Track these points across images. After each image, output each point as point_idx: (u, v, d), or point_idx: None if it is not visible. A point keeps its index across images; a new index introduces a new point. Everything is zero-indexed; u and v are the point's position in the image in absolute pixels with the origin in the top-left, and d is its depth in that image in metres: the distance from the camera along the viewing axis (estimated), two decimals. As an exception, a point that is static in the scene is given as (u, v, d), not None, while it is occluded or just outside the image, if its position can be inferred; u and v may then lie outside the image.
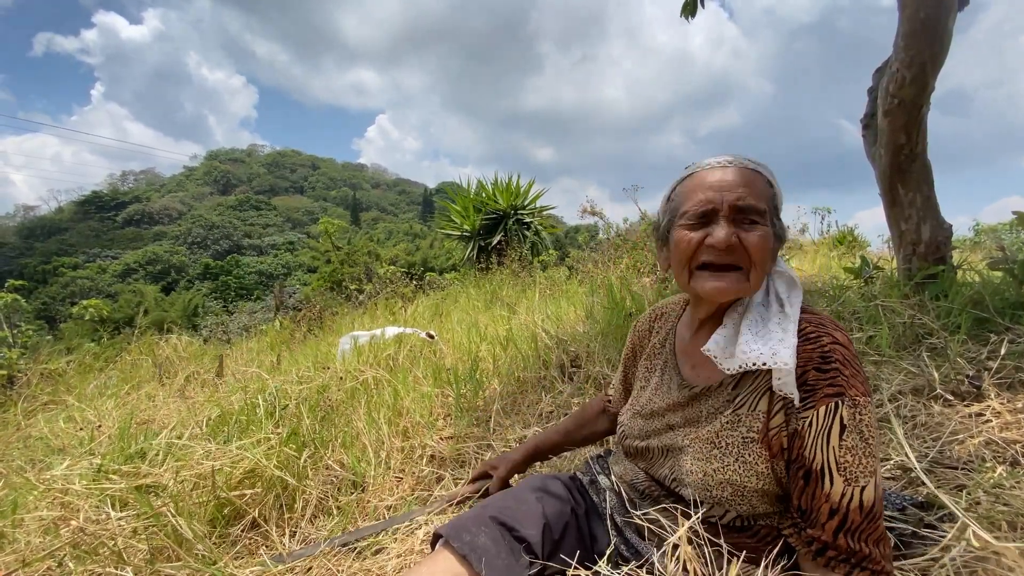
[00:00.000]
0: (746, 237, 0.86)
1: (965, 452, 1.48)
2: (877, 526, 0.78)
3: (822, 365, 0.81)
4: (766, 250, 0.87)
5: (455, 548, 0.94)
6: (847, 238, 7.30)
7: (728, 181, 0.88)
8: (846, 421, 0.78)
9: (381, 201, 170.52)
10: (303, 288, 16.95)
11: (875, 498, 0.77)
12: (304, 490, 1.82)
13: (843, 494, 0.77)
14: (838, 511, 0.77)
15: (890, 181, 2.67)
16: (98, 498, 1.67)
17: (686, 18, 3.40)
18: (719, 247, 0.86)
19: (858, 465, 0.77)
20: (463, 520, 1.02)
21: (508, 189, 10.07)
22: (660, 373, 1.10)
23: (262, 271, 75.58)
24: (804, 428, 0.80)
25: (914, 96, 2.48)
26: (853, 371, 0.81)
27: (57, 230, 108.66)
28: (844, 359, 0.81)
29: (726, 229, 0.85)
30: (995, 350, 1.85)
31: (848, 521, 0.77)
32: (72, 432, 2.81)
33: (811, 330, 0.85)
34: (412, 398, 2.46)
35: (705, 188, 0.89)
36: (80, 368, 5.66)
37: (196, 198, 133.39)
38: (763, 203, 0.88)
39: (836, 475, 0.77)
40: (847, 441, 0.78)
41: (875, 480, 0.78)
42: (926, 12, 2.35)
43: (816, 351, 0.82)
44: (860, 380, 0.81)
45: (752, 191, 0.87)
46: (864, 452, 0.78)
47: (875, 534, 0.78)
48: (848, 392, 0.79)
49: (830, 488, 0.78)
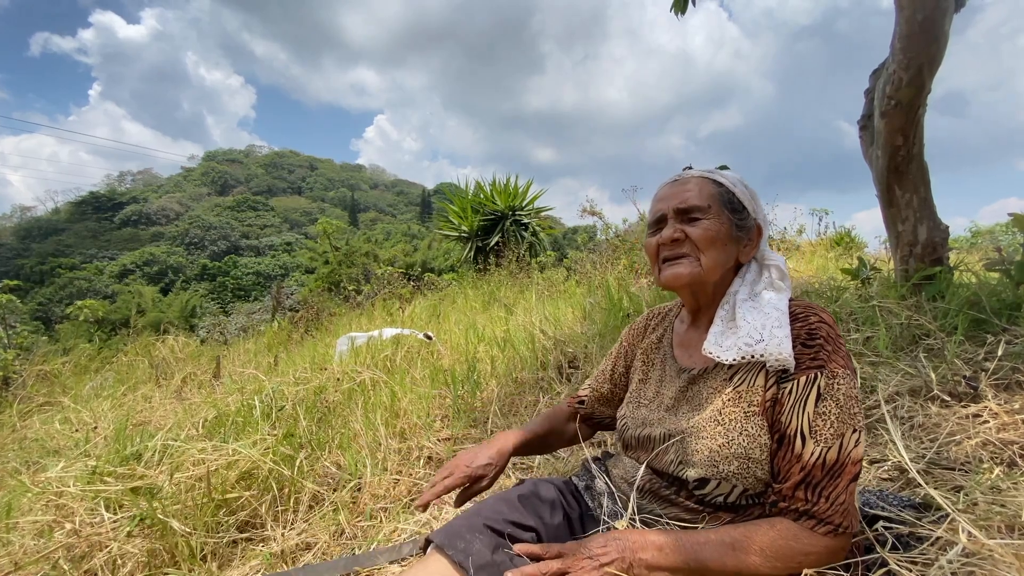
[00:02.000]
0: (690, 231, 1.00)
1: (962, 453, 1.48)
2: (837, 484, 0.82)
3: (807, 341, 0.90)
4: (709, 238, 1.00)
5: (449, 556, 0.94)
6: (844, 239, 7.31)
7: (674, 191, 1.05)
8: (823, 390, 0.85)
9: (379, 202, 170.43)
10: (301, 289, 16.93)
11: (840, 459, 0.83)
12: (300, 489, 1.81)
13: (812, 453, 0.84)
14: (805, 468, 0.84)
15: (887, 182, 2.68)
16: (93, 500, 1.66)
17: (676, 14, 3.39)
18: (665, 241, 1.02)
19: (829, 428, 0.84)
20: (456, 526, 1.01)
21: (506, 190, 10.07)
22: (660, 366, 1.15)
23: (260, 272, 75.43)
24: (784, 396, 0.88)
25: (911, 98, 2.48)
26: (835, 347, 0.89)
27: (54, 231, 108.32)
28: (828, 336, 0.90)
29: (672, 227, 1.02)
30: (992, 351, 1.86)
31: (809, 476, 0.83)
32: (68, 433, 2.80)
33: (799, 311, 0.94)
34: (410, 399, 2.46)
35: (657, 200, 1.08)
36: (76, 369, 5.64)
37: (194, 199, 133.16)
38: (706, 201, 1.02)
39: (808, 438, 0.84)
40: (822, 408, 0.85)
41: (842, 443, 0.83)
42: (923, 14, 2.36)
43: (803, 328, 0.91)
44: (841, 355, 0.89)
45: (695, 193, 1.02)
46: (837, 418, 0.84)
47: (834, 491, 0.82)
48: (828, 365, 0.87)
49: (801, 449, 0.85)
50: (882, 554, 0.89)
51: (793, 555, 0.81)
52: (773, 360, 0.89)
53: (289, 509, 1.77)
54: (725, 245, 1.01)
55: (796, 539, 0.82)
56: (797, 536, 0.82)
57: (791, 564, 0.81)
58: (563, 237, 25.93)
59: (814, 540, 0.82)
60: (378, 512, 1.76)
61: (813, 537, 0.82)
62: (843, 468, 0.83)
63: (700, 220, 1.01)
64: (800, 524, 0.83)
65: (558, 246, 13.82)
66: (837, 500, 0.82)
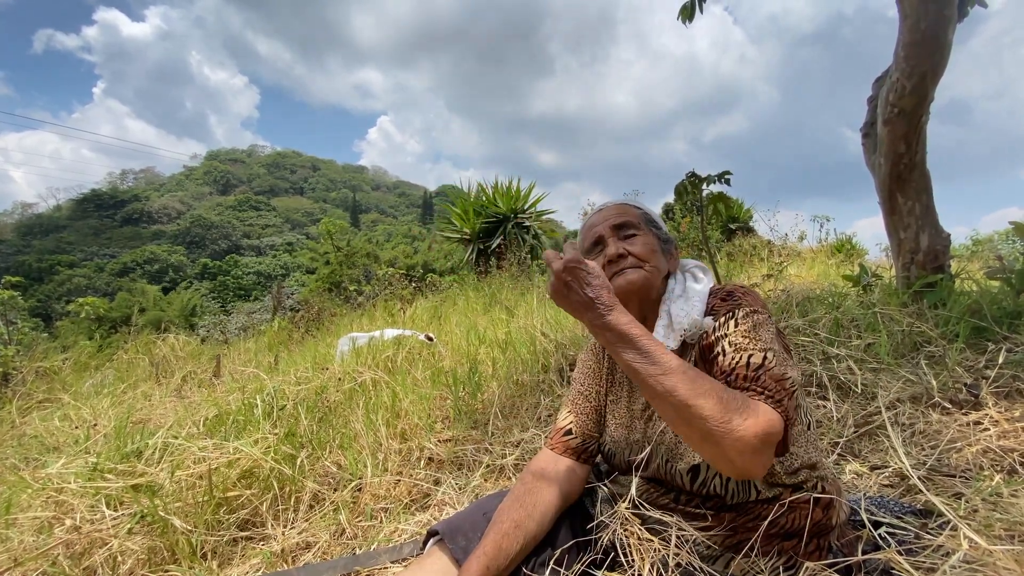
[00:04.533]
0: (629, 246, 1.10)
1: (963, 460, 1.48)
2: (763, 383, 0.87)
3: (726, 297, 1.03)
4: (650, 249, 1.11)
5: (450, 549, 0.97)
6: (845, 246, 7.32)
7: (604, 214, 1.16)
8: (739, 317, 0.97)
9: (381, 203, 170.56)
10: (302, 289, 16.93)
11: (764, 364, 0.89)
12: (300, 488, 1.81)
13: (732, 359, 0.92)
14: (726, 372, 0.91)
15: (889, 190, 2.69)
16: (93, 497, 1.66)
17: (684, 22, 3.42)
18: (612, 257, 1.09)
19: (747, 341, 0.93)
20: (459, 521, 1.05)
21: (508, 193, 10.07)
22: (622, 383, 1.18)
23: (260, 271, 75.43)
24: (712, 338, 0.97)
25: (914, 106, 2.49)
26: (752, 299, 1.01)
27: (55, 228, 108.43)
28: (744, 292, 1.02)
29: (614, 244, 1.11)
30: (993, 359, 1.86)
31: (734, 375, 0.90)
32: (67, 430, 2.80)
33: (716, 288, 1.07)
34: (411, 400, 2.45)
35: (592, 226, 1.17)
36: (76, 366, 5.64)
37: (196, 198, 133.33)
38: (634, 219, 1.14)
39: (728, 350, 0.93)
40: (740, 327, 0.95)
41: (765, 354, 0.90)
42: (927, 23, 2.37)
43: (720, 293, 1.04)
44: (758, 302, 1.00)
45: (621, 214, 1.15)
46: (754, 333, 0.94)
47: (761, 387, 0.87)
48: (743, 304, 0.99)
49: (722, 359, 0.93)
50: (888, 554, 0.89)
51: (733, 402, 0.81)
52: (688, 325, 1.00)
53: (290, 508, 1.77)
54: (659, 256, 1.12)
55: (735, 394, 0.83)
56: (736, 393, 0.84)
57: (728, 408, 0.80)
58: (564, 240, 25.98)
59: (755, 402, 0.83)
60: (379, 512, 1.76)
61: (754, 402, 0.84)
62: (764, 371, 0.88)
63: (635, 236, 1.12)
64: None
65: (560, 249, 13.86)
66: (766, 384, 0.87)
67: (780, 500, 0.94)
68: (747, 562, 0.93)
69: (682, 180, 2.99)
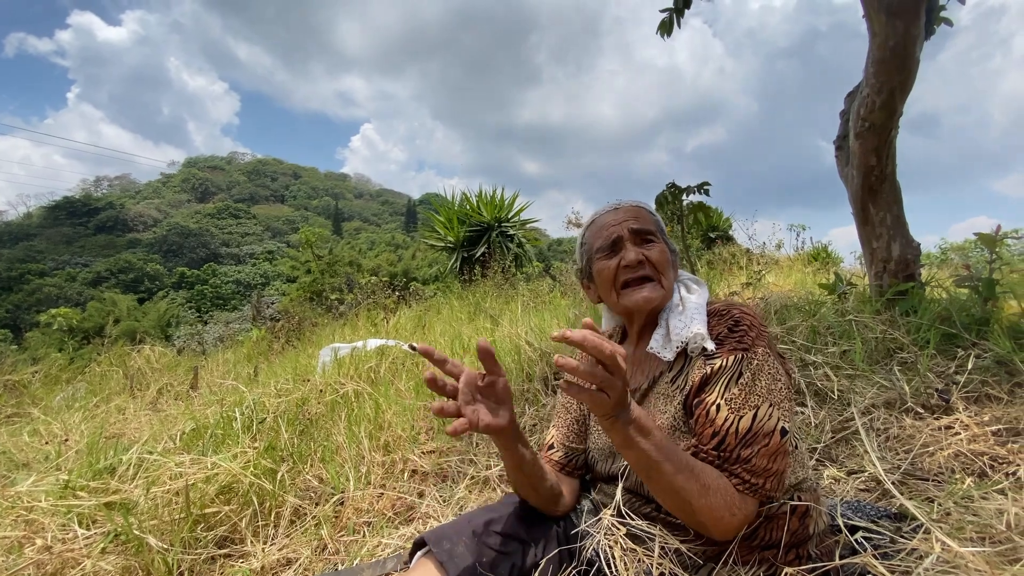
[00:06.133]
0: (649, 253, 1.06)
1: (935, 464, 1.52)
2: (751, 450, 0.87)
3: (733, 327, 0.96)
4: (666, 260, 1.08)
5: (435, 554, 0.97)
6: (821, 254, 7.50)
7: (622, 215, 1.11)
8: (743, 368, 0.91)
9: (364, 211, 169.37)
10: (282, 298, 16.67)
11: (753, 428, 0.87)
12: (281, 503, 1.78)
13: (725, 419, 0.89)
14: (718, 434, 0.89)
15: (862, 201, 2.77)
16: (65, 516, 1.61)
17: (663, 36, 3.49)
18: (632, 264, 1.05)
19: (744, 399, 0.89)
20: (444, 529, 1.05)
21: (492, 202, 10.12)
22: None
23: (240, 280, 74.15)
24: (711, 372, 0.93)
25: (884, 120, 2.58)
26: (759, 333, 0.95)
27: (25, 236, 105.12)
28: (751, 324, 0.96)
29: (634, 249, 1.06)
30: (963, 364, 1.92)
31: (724, 443, 0.88)
32: (37, 446, 2.71)
33: (721, 308, 1.01)
34: (394, 411, 2.43)
35: (608, 226, 1.11)
36: (46, 379, 5.47)
37: (173, 205, 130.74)
38: (652, 226, 1.10)
39: (724, 406, 0.90)
40: (741, 382, 0.91)
41: (756, 413, 0.88)
42: (895, 41, 2.46)
43: (727, 320, 0.97)
44: (764, 341, 0.95)
45: (641, 219, 1.10)
46: (752, 391, 0.90)
47: (748, 455, 0.87)
48: (753, 348, 0.93)
49: (715, 414, 0.90)
50: (865, 559, 0.91)
51: (726, 499, 0.85)
52: (689, 337, 0.96)
53: (270, 524, 1.74)
54: (671, 267, 1.09)
55: (728, 488, 0.86)
56: (726, 483, 0.87)
57: (721, 506, 0.85)
58: (548, 249, 26.11)
59: (736, 494, 0.86)
60: (361, 526, 1.74)
61: (737, 493, 0.87)
62: (755, 437, 0.87)
63: (654, 243, 1.08)
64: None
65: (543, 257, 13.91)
66: (750, 463, 0.87)
67: (758, 513, 0.95)
68: (727, 571, 0.94)
69: (663, 191, 3.04)
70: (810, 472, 1.08)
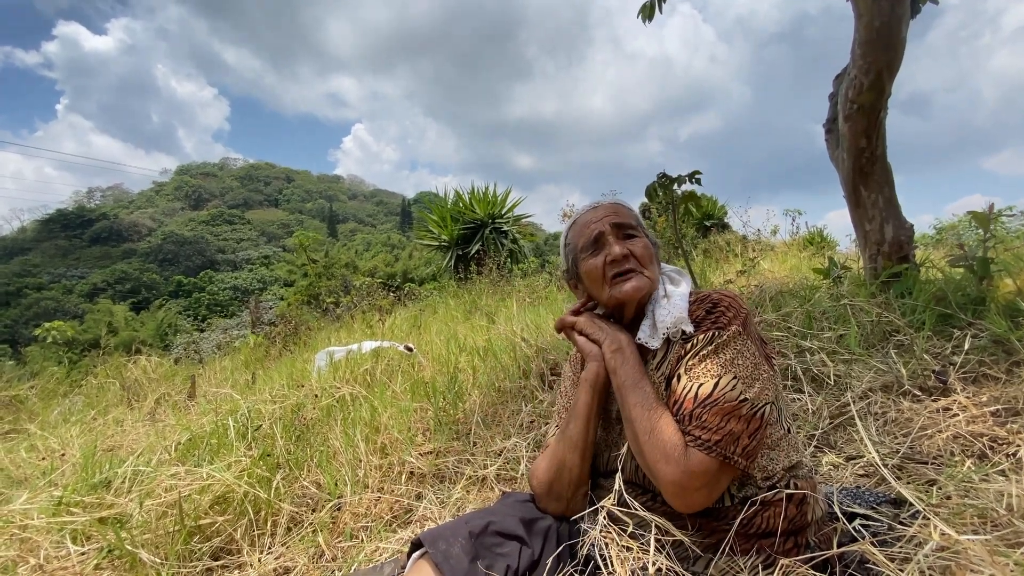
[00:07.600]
0: (632, 247, 1.09)
1: (934, 447, 1.51)
2: (710, 412, 0.89)
3: (711, 309, 1.01)
4: (649, 254, 1.11)
5: (430, 555, 0.97)
6: (816, 239, 7.48)
7: (601, 212, 1.15)
8: (715, 343, 0.95)
9: (359, 212, 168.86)
10: (280, 303, 16.62)
11: (714, 394, 0.90)
12: (277, 511, 1.76)
13: (684, 387, 0.94)
14: (677, 401, 0.94)
15: (853, 183, 2.75)
16: (59, 532, 1.59)
17: (644, 21, 3.46)
18: (617, 258, 1.08)
19: (703, 369, 0.93)
20: (440, 529, 1.04)
21: (485, 198, 10.08)
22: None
23: (237, 286, 73.93)
24: (685, 352, 0.98)
25: (872, 101, 2.56)
26: (736, 314, 0.98)
27: (20, 250, 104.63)
28: (728, 306, 1.00)
29: (618, 244, 1.09)
30: (959, 345, 1.91)
31: (681, 407, 0.92)
32: (34, 462, 2.69)
33: (702, 295, 1.06)
34: (390, 414, 2.42)
35: (589, 223, 1.14)
36: (43, 394, 5.44)
37: (167, 213, 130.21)
38: (632, 221, 1.14)
39: (683, 376, 0.95)
40: (703, 353, 0.95)
41: (718, 382, 0.91)
42: (880, 21, 2.44)
43: (706, 304, 1.02)
44: (740, 321, 0.98)
45: (620, 214, 1.14)
46: (713, 361, 0.94)
47: (706, 417, 0.89)
48: (727, 328, 0.96)
49: (676, 384, 0.96)
50: (863, 545, 0.89)
51: (666, 446, 0.89)
52: (671, 324, 1.01)
53: (266, 533, 1.72)
54: (653, 260, 1.13)
55: (675, 433, 0.90)
56: (677, 433, 0.90)
57: (658, 449, 0.90)
58: (544, 243, 26.09)
59: (681, 445, 0.89)
60: (359, 531, 1.72)
61: (685, 444, 0.89)
62: (716, 403, 0.89)
63: (636, 237, 1.12)
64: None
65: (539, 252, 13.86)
66: (702, 420, 0.89)
67: (752, 500, 0.94)
68: (726, 562, 0.93)
69: (653, 182, 3.02)
70: (807, 458, 1.07)
